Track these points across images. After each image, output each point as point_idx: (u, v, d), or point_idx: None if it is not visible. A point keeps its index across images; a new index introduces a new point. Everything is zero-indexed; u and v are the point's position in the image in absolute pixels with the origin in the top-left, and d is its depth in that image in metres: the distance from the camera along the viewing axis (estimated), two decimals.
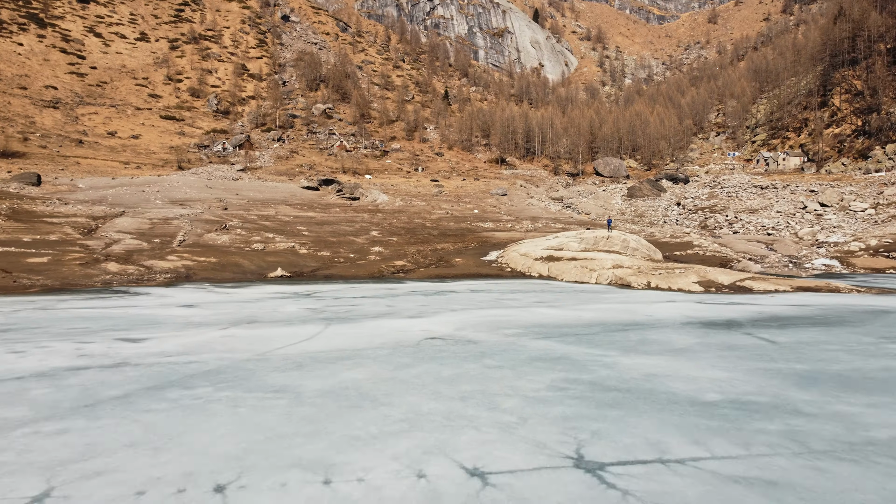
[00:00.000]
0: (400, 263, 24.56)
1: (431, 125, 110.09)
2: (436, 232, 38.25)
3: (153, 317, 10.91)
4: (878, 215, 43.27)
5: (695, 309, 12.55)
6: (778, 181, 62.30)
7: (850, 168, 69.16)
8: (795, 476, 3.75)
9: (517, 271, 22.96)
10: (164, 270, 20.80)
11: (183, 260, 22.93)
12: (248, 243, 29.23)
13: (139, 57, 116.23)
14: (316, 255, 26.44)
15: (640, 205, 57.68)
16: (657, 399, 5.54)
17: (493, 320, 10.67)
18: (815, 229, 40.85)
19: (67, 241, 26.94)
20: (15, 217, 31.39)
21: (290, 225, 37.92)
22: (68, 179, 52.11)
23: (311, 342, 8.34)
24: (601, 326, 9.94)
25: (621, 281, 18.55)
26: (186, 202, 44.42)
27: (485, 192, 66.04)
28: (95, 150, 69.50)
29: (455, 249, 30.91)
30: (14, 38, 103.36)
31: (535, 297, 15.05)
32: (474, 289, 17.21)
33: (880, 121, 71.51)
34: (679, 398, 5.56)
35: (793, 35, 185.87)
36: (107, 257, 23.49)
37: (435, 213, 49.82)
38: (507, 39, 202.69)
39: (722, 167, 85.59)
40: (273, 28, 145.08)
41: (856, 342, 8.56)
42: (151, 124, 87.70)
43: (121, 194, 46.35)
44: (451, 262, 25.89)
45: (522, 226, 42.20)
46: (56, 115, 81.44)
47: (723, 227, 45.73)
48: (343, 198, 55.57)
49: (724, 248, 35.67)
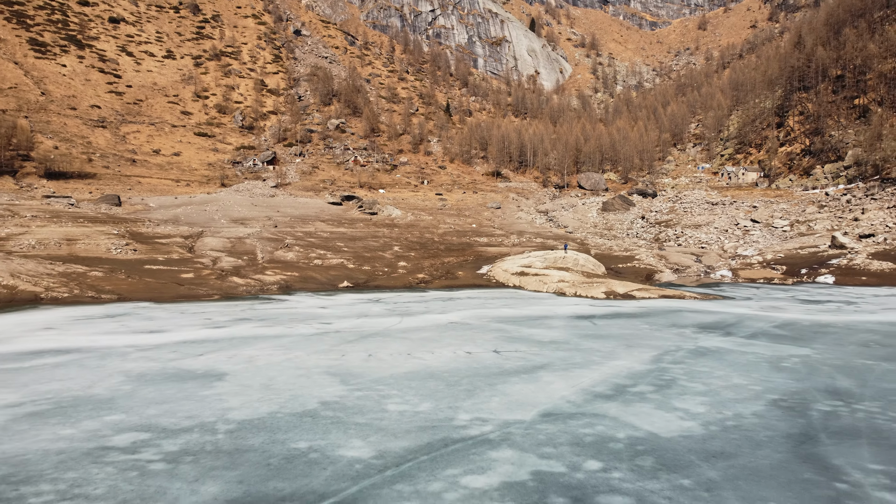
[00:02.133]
0: (421, 276, 36.11)
1: (435, 138, 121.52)
2: (442, 247, 49.78)
3: (313, 313, 22.39)
4: (791, 231, 54.80)
5: (584, 310, 24.05)
6: (729, 197, 73.77)
7: (795, 184, 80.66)
8: (560, 352, 15.17)
9: (499, 282, 34.53)
10: (272, 283, 32.29)
11: (277, 274, 34.44)
12: (308, 259, 40.73)
13: (167, 74, 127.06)
14: (361, 269, 37.99)
15: (611, 218, 69.24)
16: (528, 340, 16.97)
17: (479, 314, 22.14)
18: (737, 244, 52.44)
19: (186, 259, 38.41)
20: (136, 238, 42.85)
21: (330, 241, 49.42)
22: (140, 199, 63.55)
23: (400, 324, 19.81)
24: (527, 317, 21.43)
25: (560, 291, 30.03)
26: (244, 220, 55.89)
27: (482, 206, 77.64)
28: (148, 169, 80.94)
29: (458, 263, 42.46)
30: (58, 59, 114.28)
31: (504, 302, 26.60)
32: (471, 296, 28.76)
33: (822, 143, 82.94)
34: (534, 340, 17.00)
35: (775, 44, 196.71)
36: (224, 272, 34.96)
37: (441, 227, 61.35)
38: (504, 48, 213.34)
39: (691, 180, 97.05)
40: (287, 43, 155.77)
41: (635, 325, 20.01)
42: (188, 141, 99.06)
43: (189, 213, 57.79)
44: (455, 274, 37.44)
45: (510, 240, 53.74)
46: (106, 135, 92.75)
47: (670, 240, 57.28)
48: (364, 213, 67.05)
49: (660, 260, 47.19)
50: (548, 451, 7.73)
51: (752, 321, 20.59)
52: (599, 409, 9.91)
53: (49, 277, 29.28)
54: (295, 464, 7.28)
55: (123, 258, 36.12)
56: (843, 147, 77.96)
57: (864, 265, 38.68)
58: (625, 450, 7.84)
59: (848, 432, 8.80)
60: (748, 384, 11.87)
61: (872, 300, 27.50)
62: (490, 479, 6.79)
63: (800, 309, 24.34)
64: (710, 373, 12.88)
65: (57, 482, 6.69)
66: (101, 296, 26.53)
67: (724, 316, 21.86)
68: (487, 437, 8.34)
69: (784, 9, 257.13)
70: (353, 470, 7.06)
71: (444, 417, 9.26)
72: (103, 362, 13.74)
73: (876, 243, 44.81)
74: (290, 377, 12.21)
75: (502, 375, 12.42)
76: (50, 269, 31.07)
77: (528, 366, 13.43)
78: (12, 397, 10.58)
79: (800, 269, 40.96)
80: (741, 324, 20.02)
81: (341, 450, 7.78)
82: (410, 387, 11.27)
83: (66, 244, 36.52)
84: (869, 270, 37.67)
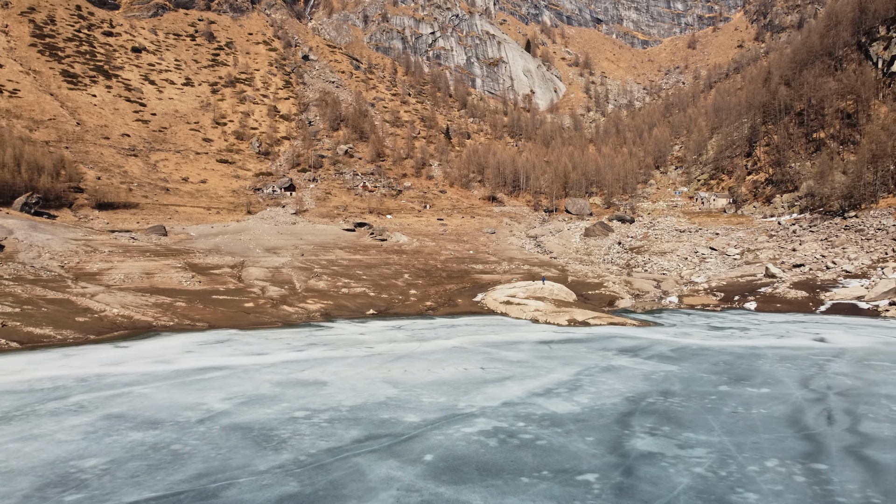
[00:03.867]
0: (429, 303, 45.72)
1: (436, 161, 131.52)
2: (444, 274, 59.40)
3: (357, 339, 31.91)
4: (740, 259, 64.48)
5: (548, 336, 33.59)
6: (696, 224, 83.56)
7: (757, 211, 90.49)
8: (512, 370, 24.69)
9: (490, 309, 44.13)
10: (315, 311, 41.82)
11: (317, 303, 43.99)
12: (336, 288, 50.30)
13: (187, 101, 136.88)
14: (380, 297, 47.58)
15: (592, 244, 79.00)
16: (503, 360, 26.47)
17: (473, 339, 31.69)
18: (693, 271, 62.12)
19: (240, 288, 47.94)
20: (195, 270, 52.35)
21: (350, 269, 59.00)
22: (181, 228, 73.15)
23: (420, 348, 29.35)
24: (505, 342, 30.99)
25: (535, 318, 39.59)
26: (275, 249, 65.50)
27: (478, 231, 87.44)
28: (180, 197, 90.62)
29: (457, 290, 52.07)
30: (88, 89, 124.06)
31: (492, 329, 36.18)
32: (468, 323, 38.33)
33: (782, 173, 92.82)
34: (507, 360, 26.52)
35: (760, 63, 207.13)
36: (274, 301, 44.48)
37: (443, 253, 71.02)
38: (501, 69, 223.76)
39: (668, 204, 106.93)
40: (296, 68, 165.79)
41: (577, 349, 29.55)
42: (212, 168, 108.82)
43: (227, 242, 67.39)
44: (456, 301, 47.05)
45: (502, 267, 63.41)
46: (139, 163, 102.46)
47: (639, 266, 66.96)
48: (375, 239, 76.72)
49: (625, 286, 56.81)
50: (502, 419, 17.33)
51: (659, 345, 30.19)
52: (533, 400, 19.48)
53: (148, 308, 38.85)
54: (384, 424, 16.84)
55: (192, 289, 45.68)
56: (799, 179, 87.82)
57: (783, 293, 48.35)
58: (538, 418, 17.41)
59: (652, 411, 18.38)
60: (621, 388, 21.44)
61: (763, 326, 37.13)
62: (473, 429, 16.35)
63: (702, 335, 33.97)
64: (604, 382, 22.46)
65: (287, 430, 16.26)
66: (196, 323, 36.09)
67: (641, 341, 31.46)
68: (473, 413, 17.93)
69: (770, 29, 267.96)
70: (410, 426, 16.62)
71: (452, 405, 18.85)
72: (249, 375, 23.27)
73: (802, 273, 54.47)
74: (363, 384, 21.77)
75: (484, 383, 22.02)
76: (144, 300, 40.63)
77: (499, 377, 23.04)
78: (223, 394, 20.11)
79: (734, 295, 50.60)
80: (650, 348, 29.61)
81: (403, 418, 17.35)
82: (432, 388, 20.86)
83: (146, 277, 46.10)
84: (785, 298, 47.32)
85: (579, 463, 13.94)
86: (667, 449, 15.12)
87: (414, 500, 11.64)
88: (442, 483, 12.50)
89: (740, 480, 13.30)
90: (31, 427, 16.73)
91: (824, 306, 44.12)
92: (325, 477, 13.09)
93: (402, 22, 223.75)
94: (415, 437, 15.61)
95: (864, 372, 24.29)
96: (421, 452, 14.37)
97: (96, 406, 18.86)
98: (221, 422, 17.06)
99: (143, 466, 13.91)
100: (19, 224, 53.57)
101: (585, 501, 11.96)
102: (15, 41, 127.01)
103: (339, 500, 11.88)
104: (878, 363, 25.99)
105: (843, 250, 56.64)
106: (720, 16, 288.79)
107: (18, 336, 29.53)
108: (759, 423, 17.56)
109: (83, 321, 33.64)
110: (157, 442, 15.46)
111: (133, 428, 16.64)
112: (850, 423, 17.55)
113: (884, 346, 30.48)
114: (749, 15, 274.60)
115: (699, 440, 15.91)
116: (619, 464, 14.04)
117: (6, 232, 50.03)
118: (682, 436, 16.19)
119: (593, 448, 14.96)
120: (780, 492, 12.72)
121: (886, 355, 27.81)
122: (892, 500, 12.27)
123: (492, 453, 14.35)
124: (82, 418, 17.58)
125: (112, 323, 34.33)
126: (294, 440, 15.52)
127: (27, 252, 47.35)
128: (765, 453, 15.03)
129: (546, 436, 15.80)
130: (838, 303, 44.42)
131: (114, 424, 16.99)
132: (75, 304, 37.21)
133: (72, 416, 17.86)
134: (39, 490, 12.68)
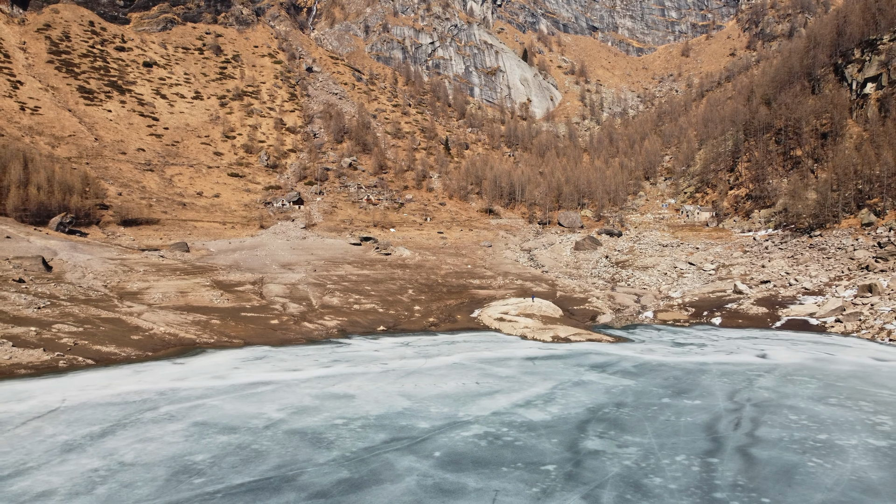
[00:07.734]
0: (432, 319, 51.68)
1: (436, 173, 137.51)
2: (444, 289, 65.36)
3: (372, 356, 37.85)
4: (714, 275, 70.49)
5: (533, 352, 39.55)
6: (678, 238, 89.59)
7: (736, 226, 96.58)
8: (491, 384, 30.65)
9: (485, 325, 50.11)
10: (332, 327, 47.73)
11: (333, 319, 49.91)
12: (348, 304, 56.20)
13: (197, 115, 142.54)
14: (388, 313, 53.54)
15: (581, 257, 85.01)
16: (494, 376, 32.44)
17: (470, 356, 37.64)
18: (671, 286, 68.13)
19: (263, 305, 53.83)
20: (221, 287, 58.21)
21: (359, 285, 64.91)
22: (201, 244, 78.99)
23: (426, 364, 35.31)
24: (497, 359, 36.95)
25: (524, 335, 45.54)
26: (290, 265, 71.42)
27: (476, 244, 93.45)
28: (196, 212, 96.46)
29: (456, 305, 58.02)
30: (104, 105, 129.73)
31: (486, 345, 42.13)
32: (466, 339, 44.29)
33: (761, 189, 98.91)
34: (498, 375, 32.47)
35: (751, 72, 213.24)
36: (294, 317, 50.39)
37: (443, 268, 76.99)
38: (499, 78, 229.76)
39: (655, 217, 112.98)
40: (300, 80, 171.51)
41: (556, 365, 35.53)
42: (224, 182, 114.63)
43: (245, 258, 73.28)
44: (455, 317, 53.02)
45: (497, 281, 69.42)
46: (155, 178, 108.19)
47: (623, 281, 72.94)
48: (380, 254, 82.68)
49: (608, 300, 62.78)
50: (491, 425, 23.33)
51: (625, 361, 36.17)
52: (515, 410, 25.45)
53: (189, 325, 44.75)
54: (403, 429, 22.83)
55: (222, 306, 51.59)
56: (776, 195, 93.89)
57: (746, 309, 54.36)
58: (518, 425, 23.40)
59: (605, 419, 24.37)
60: (585, 400, 27.42)
61: (720, 343, 43.14)
62: (469, 433, 22.34)
63: (665, 351, 39.96)
64: (573, 395, 28.43)
65: (332, 434, 22.23)
66: (233, 340, 42.03)
67: (611, 357, 37.44)
68: (469, 421, 23.93)
69: (761, 37, 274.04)
70: (423, 430, 22.61)
71: (453, 414, 24.83)
72: (291, 389, 29.20)
73: (766, 289, 60.48)
74: (383, 396, 27.72)
75: (478, 396, 28.00)
76: (184, 318, 46.54)
77: (490, 391, 29.03)
78: (277, 406, 26.05)
79: (704, 311, 56.62)
80: (617, 364, 35.59)
81: (417, 424, 23.33)
82: (438, 401, 26.83)
83: (181, 296, 52.01)
84: (748, 314, 53.33)
85: (544, 458, 19.89)
86: (609, 448, 21.10)
87: (429, 483, 17.57)
88: (448, 471, 18.45)
89: (654, 470, 19.24)
90: (142, 432, 22.64)
91: (780, 322, 50.11)
92: (366, 467, 19.01)
93: (403, 32, 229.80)
94: (427, 440, 21.55)
95: (783, 385, 30.29)
96: (432, 450, 20.32)
97: (182, 415, 24.77)
98: (282, 427, 22.99)
99: (237, 460, 19.83)
100: (61, 245, 59.34)
101: (545, 483, 17.90)
102: (33, 58, 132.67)
103: (378, 483, 17.77)
104: (799, 378, 31.99)
105: (805, 268, 62.65)
106: (713, 24, 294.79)
107: (90, 354, 35.40)
108: (682, 428, 23.56)
109: (138, 339, 39.52)
110: (240, 443, 21.39)
111: (218, 432, 22.55)
112: (750, 429, 23.57)
113: (813, 361, 36.47)
114: (741, 23, 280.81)
115: (634, 441, 21.88)
116: (572, 458, 19.99)
117: (52, 253, 55.81)
118: (622, 438, 22.16)
119: (556, 447, 20.91)
120: (678, 477, 18.66)
121: (810, 370, 33.82)
122: (752, 481, 18.19)
123: (482, 451, 20.30)
124: (177, 425, 23.51)
125: (161, 340, 40.20)
126: (339, 441, 21.48)
127: (72, 272, 53.20)
128: (678, 451, 21.00)
129: (522, 438, 21.78)
130: (793, 319, 50.39)
131: (203, 430, 22.90)
132: (126, 322, 43.10)
133: (168, 423, 23.78)
134: (174, 475, 18.57)
